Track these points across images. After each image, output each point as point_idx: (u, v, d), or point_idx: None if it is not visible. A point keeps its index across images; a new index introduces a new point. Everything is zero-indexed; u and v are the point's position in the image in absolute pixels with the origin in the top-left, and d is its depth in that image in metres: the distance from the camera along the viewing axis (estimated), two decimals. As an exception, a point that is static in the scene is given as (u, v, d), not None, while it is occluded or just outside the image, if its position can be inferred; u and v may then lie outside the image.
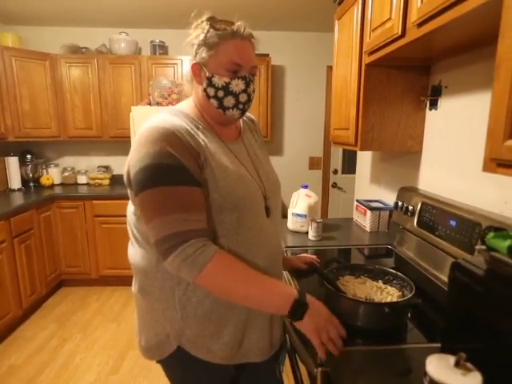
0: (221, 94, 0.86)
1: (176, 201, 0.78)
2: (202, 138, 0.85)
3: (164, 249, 0.77)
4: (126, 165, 0.85)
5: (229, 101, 0.87)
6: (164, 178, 0.78)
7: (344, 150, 3.76)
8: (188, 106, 0.93)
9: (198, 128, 0.87)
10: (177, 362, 0.92)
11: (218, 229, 0.84)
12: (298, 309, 0.81)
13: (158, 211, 0.77)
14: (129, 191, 0.88)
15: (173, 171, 0.78)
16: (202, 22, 0.87)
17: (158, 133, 0.79)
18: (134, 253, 0.92)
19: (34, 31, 3.33)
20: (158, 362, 0.96)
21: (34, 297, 2.71)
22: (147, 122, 0.83)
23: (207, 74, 0.86)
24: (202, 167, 0.82)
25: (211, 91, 0.86)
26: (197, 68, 0.88)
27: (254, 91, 0.91)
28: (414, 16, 0.97)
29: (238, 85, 0.86)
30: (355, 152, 2.51)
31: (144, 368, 2.15)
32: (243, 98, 0.88)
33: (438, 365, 0.57)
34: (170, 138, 0.79)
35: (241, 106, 0.89)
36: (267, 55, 3.20)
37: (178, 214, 0.77)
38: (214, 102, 0.87)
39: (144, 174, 0.78)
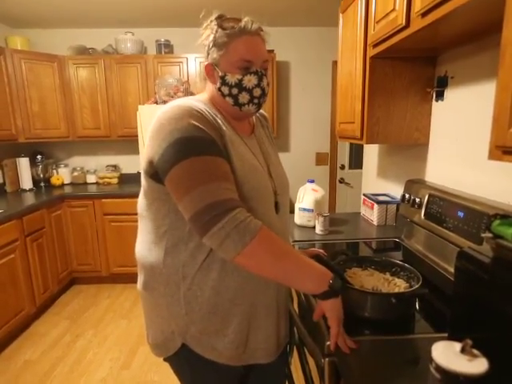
0: (235, 91, 0.87)
1: (215, 169, 0.76)
2: (220, 124, 0.86)
3: (207, 219, 0.73)
4: (146, 154, 0.83)
5: (243, 97, 0.87)
6: (198, 148, 0.76)
7: (351, 146, 3.73)
8: (204, 99, 0.93)
9: (216, 116, 0.87)
10: (184, 361, 0.92)
11: None
12: (337, 283, 0.81)
13: (196, 181, 0.74)
14: (144, 181, 0.87)
15: (205, 142, 0.77)
16: (211, 21, 0.87)
17: (182, 110, 0.79)
18: (142, 247, 0.93)
19: (42, 33, 3.38)
20: (165, 359, 0.95)
21: (46, 294, 2.76)
22: (164, 107, 0.83)
23: (220, 74, 0.86)
24: (224, 149, 0.82)
25: (225, 89, 0.87)
26: (210, 68, 0.88)
27: (268, 85, 0.91)
28: (417, 6, 0.97)
29: (250, 80, 0.86)
30: (362, 147, 2.50)
31: (155, 363, 2.17)
32: (257, 92, 0.88)
33: (443, 351, 0.58)
34: (194, 114, 0.79)
35: (256, 101, 0.89)
36: (272, 51, 3.19)
37: (219, 182, 0.75)
38: (229, 99, 0.88)
39: (176, 147, 0.75)
